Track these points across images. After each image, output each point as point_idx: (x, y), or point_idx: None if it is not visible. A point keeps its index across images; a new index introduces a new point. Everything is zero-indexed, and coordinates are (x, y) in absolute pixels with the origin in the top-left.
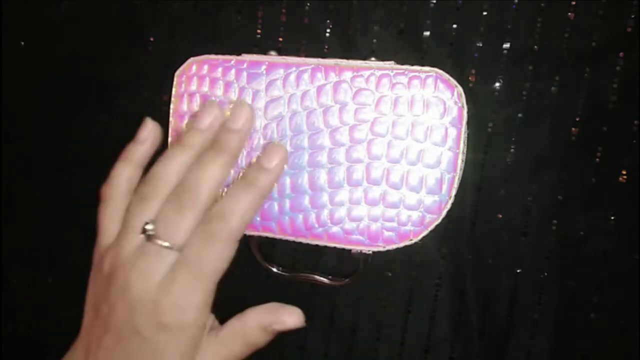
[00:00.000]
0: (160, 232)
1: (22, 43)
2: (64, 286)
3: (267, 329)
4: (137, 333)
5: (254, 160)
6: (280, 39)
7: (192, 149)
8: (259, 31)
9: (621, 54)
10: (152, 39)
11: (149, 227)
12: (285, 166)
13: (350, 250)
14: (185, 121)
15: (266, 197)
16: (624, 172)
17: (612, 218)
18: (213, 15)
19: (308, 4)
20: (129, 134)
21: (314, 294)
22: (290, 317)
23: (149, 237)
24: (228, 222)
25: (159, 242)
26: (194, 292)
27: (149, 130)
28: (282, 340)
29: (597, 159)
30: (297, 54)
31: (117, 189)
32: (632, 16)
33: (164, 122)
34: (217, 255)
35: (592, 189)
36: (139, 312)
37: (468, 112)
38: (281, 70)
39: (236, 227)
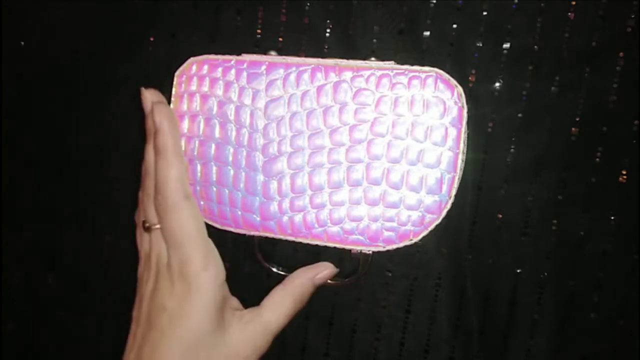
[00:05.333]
0: (149, 219)
1: (22, 43)
2: (64, 286)
3: (312, 281)
4: (164, 309)
5: (254, 161)
6: (280, 39)
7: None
8: (259, 31)
9: (621, 54)
10: (152, 39)
11: (145, 222)
12: (286, 167)
13: (350, 250)
14: (186, 121)
15: (178, 149)
16: (624, 172)
17: (612, 218)
18: (213, 15)
19: (308, 4)
20: (130, 134)
21: (314, 294)
22: (326, 269)
23: (148, 228)
24: (164, 193)
25: (154, 227)
26: (187, 259)
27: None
28: (282, 340)
29: (597, 159)
30: (297, 54)
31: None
32: (632, 16)
33: None
34: (176, 221)
35: (592, 189)
36: (162, 287)
37: (468, 112)
38: (281, 70)
39: (172, 191)
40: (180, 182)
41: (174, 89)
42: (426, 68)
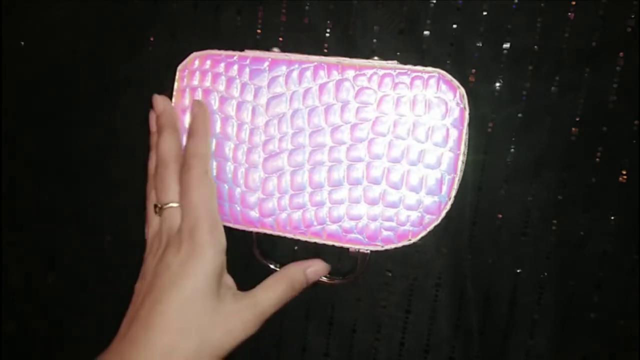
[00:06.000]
0: (162, 199)
1: (22, 43)
2: (64, 286)
3: (304, 272)
4: (168, 267)
5: (254, 157)
6: (280, 39)
7: (154, 147)
8: (259, 31)
9: (621, 54)
10: (152, 39)
11: (156, 206)
12: (286, 164)
13: (348, 248)
14: (187, 116)
15: (208, 130)
16: (624, 172)
17: (612, 218)
18: (213, 15)
19: (308, 4)
20: (130, 134)
21: (314, 294)
22: (318, 264)
23: (160, 209)
24: (192, 162)
25: (166, 206)
26: (197, 225)
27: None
28: (282, 340)
29: (597, 159)
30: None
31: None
32: (632, 16)
33: None
34: (196, 190)
35: (592, 189)
36: (169, 252)
37: (469, 113)
38: (284, 67)
39: (198, 161)
40: (205, 159)
41: (175, 83)
42: (429, 69)
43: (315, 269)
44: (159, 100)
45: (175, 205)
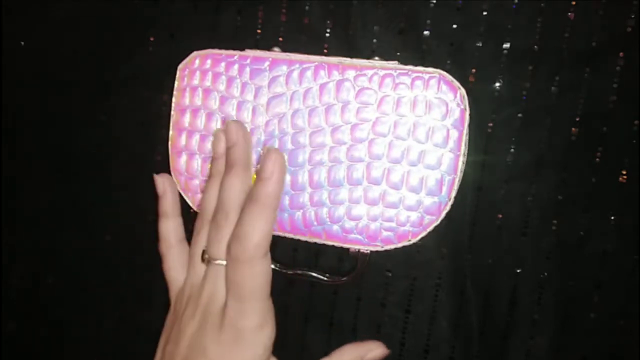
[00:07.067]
0: (212, 253)
1: (22, 43)
2: (64, 286)
3: (361, 359)
4: (204, 354)
5: (254, 157)
6: (281, 39)
7: (218, 176)
8: (259, 31)
9: (621, 54)
10: (152, 39)
11: (205, 253)
12: (286, 164)
13: (348, 249)
14: (187, 115)
15: (277, 205)
16: (624, 172)
17: (612, 218)
18: (213, 15)
19: (308, 4)
20: (129, 134)
21: (314, 294)
22: (378, 349)
23: (207, 261)
24: (245, 245)
25: (215, 262)
26: (246, 313)
27: (162, 184)
28: (282, 340)
29: (597, 159)
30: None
31: (168, 242)
32: (632, 16)
33: (164, 120)
34: (247, 276)
35: (592, 189)
36: (208, 330)
37: (469, 113)
38: (284, 67)
39: (254, 246)
40: (266, 238)
41: (176, 82)
42: (430, 69)
43: (374, 355)
44: (233, 127)
45: (224, 263)
